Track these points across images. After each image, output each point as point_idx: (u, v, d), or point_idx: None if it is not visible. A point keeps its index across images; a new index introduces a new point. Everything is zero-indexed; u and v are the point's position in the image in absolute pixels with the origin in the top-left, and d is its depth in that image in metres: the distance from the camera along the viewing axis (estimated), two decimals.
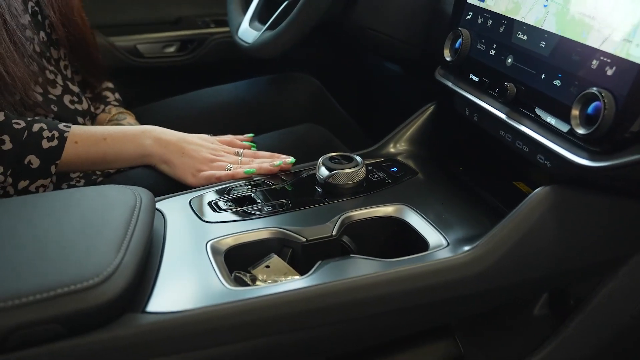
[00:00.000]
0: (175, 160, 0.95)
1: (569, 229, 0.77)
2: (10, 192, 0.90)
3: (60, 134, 0.90)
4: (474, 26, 0.95)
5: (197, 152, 0.96)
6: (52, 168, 0.90)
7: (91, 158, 0.93)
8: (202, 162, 0.95)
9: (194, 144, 0.97)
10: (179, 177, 0.96)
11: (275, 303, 0.67)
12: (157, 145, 0.95)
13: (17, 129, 0.87)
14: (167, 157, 0.95)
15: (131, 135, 0.95)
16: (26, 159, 0.88)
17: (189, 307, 0.65)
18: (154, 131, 0.97)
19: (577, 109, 0.72)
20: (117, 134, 0.95)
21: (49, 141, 0.89)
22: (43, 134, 0.89)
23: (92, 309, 0.59)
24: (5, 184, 0.88)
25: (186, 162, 0.95)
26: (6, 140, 0.86)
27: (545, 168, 0.81)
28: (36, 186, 0.90)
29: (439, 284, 0.72)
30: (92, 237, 0.67)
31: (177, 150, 0.95)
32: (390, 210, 0.85)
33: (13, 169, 0.87)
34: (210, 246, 0.77)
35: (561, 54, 0.77)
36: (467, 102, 0.96)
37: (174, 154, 0.95)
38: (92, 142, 0.93)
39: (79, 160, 0.92)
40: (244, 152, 1.00)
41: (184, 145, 0.96)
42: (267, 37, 1.11)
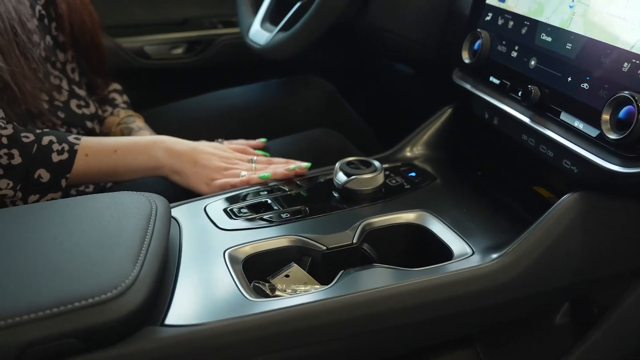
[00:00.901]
0: (188, 170, 0.93)
1: (598, 236, 0.75)
2: None
3: (71, 147, 0.88)
4: (494, 27, 0.93)
5: (209, 161, 0.94)
6: (62, 182, 0.88)
7: (102, 170, 0.91)
8: (215, 171, 0.93)
9: (206, 153, 0.95)
10: (192, 187, 0.94)
11: (299, 315, 0.64)
12: (168, 157, 0.93)
13: (26, 142, 0.85)
14: (179, 167, 0.93)
15: (142, 146, 0.93)
16: (36, 173, 0.86)
17: (209, 320, 0.63)
18: (166, 142, 0.94)
19: (608, 113, 0.70)
20: (128, 146, 0.93)
21: (59, 154, 0.87)
22: (53, 147, 0.87)
23: (110, 323, 0.57)
24: (15, 198, 0.86)
25: (199, 172, 0.93)
26: (15, 155, 0.84)
27: (572, 174, 0.79)
28: (46, 199, 0.88)
29: (467, 294, 0.70)
30: (108, 247, 0.64)
31: (189, 160, 0.93)
32: (412, 217, 0.83)
33: (23, 183, 0.85)
34: (228, 255, 0.74)
35: (589, 56, 0.75)
36: (486, 105, 0.94)
37: (186, 165, 0.93)
38: (103, 154, 0.91)
39: (89, 172, 0.90)
40: (258, 159, 0.98)
41: (195, 155, 0.94)
42: (281, 38, 1.09)
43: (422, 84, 1.33)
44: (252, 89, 1.31)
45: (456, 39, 1.00)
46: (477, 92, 0.94)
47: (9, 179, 0.84)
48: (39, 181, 0.86)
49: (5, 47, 0.86)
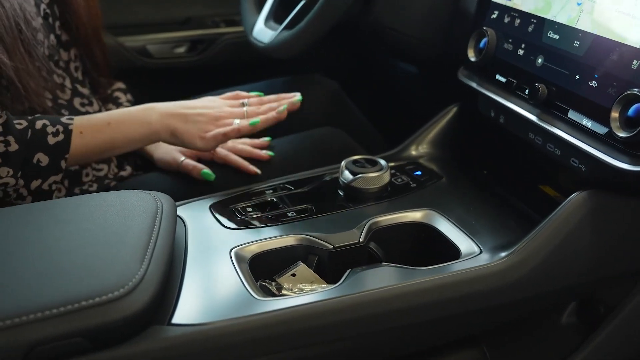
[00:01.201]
0: (180, 127, 0.92)
1: (606, 235, 0.74)
2: (24, 194, 0.87)
3: (65, 127, 0.88)
4: (500, 25, 0.92)
5: (200, 115, 0.93)
6: (62, 163, 0.87)
7: (100, 145, 0.90)
8: (208, 122, 0.93)
9: (195, 107, 0.95)
10: (188, 144, 0.93)
11: (307, 314, 0.64)
12: (161, 120, 0.92)
13: (20, 128, 0.85)
14: (172, 127, 0.92)
15: (134, 115, 0.93)
16: (34, 157, 0.85)
17: (215, 319, 0.63)
18: (156, 107, 0.94)
19: (617, 111, 0.70)
20: (120, 117, 0.92)
21: (55, 136, 0.87)
22: (47, 130, 0.87)
23: (117, 322, 0.57)
24: (17, 186, 0.85)
25: (191, 127, 0.92)
26: (11, 142, 0.83)
27: (580, 172, 0.79)
28: (49, 184, 0.88)
29: (475, 293, 0.69)
30: (114, 246, 0.64)
31: (180, 117, 0.93)
32: (419, 216, 0.82)
33: (23, 169, 0.85)
34: (234, 254, 0.74)
35: (597, 53, 0.74)
36: (492, 104, 0.94)
37: (178, 124, 0.92)
38: (97, 129, 0.90)
39: (87, 150, 0.89)
40: (249, 101, 0.98)
41: (185, 111, 0.93)
42: (285, 36, 1.08)
43: (426, 83, 1.32)
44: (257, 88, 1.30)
45: (461, 37, 1.00)
46: (483, 91, 0.94)
47: (8, 166, 0.83)
48: (39, 165, 0.85)
49: (10, 44, 0.86)
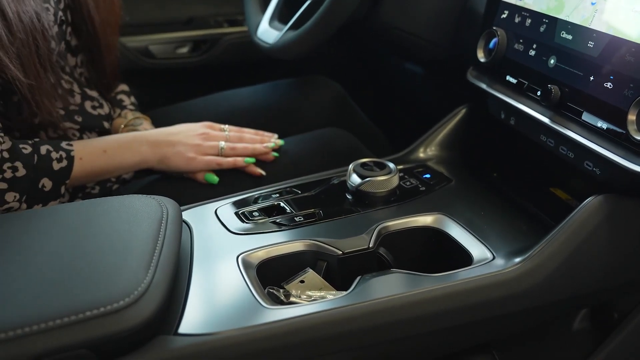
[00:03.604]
0: (168, 153, 0.97)
1: (623, 241, 0.73)
2: None
3: (67, 154, 0.90)
4: (510, 25, 0.91)
5: (186, 140, 0.98)
6: (62, 188, 0.90)
7: (95, 171, 0.94)
8: (193, 146, 0.98)
9: (180, 133, 0.99)
10: (177, 168, 0.98)
11: (317, 323, 0.62)
12: (150, 149, 0.97)
13: (27, 153, 0.86)
14: (160, 155, 0.97)
15: (127, 144, 0.97)
16: (40, 182, 0.87)
17: (223, 329, 0.61)
18: (145, 135, 0.99)
19: (634, 114, 0.68)
20: (115, 145, 0.96)
21: (59, 162, 0.89)
22: (51, 155, 0.89)
23: (123, 332, 0.55)
24: (19, 210, 0.86)
25: (179, 152, 0.97)
26: (19, 167, 0.84)
27: (594, 175, 0.77)
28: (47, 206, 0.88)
29: (489, 301, 0.68)
30: (119, 253, 0.62)
31: (167, 144, 0.98)
32: (429, 221, 0.81)
33: (28, 194, 0.86)
34: (241, 260, 0.72)
35: (613, 54, 0.73)
36: (503, 105, 0.92)
37: (165, 150, 0.97)
38: (95, 156, 0.94)
39: (84, 175, 0.93)
40: (229, 127, 1.04)
41: (172, 138, 0.98)
42: (291, 37, 1.06)
43: (433, 84, 1.31)
44: (260, 90, 1.29)
45: (470, 38, 0.98)
46: (493, 92, 0.92)
47: (15, 191, 0.84)
48: (43, 190, 0.87)
49: (26, 60, 0.86)
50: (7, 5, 0.83)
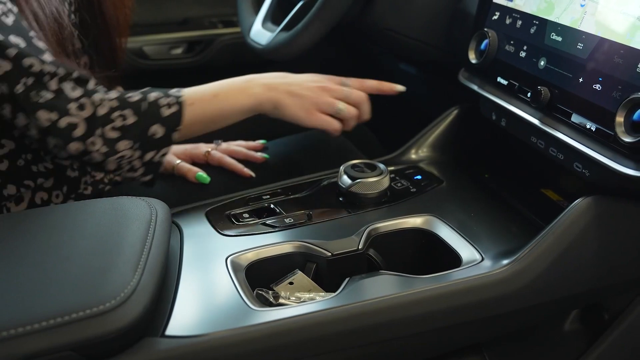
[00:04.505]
0: (285, 101, 0.93)
1: (611, 242, 0.73)
2: (137, 166, 0.86)
3: (177, 99, 0.88)
4: (502, 27, 0.91)
5: (306, 89, 0.95)
6: (174, 135, 0.87)
7: (208, 117, 0.91)
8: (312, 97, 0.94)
9: (299, 79, 0.96)
10: (293, 118, 0.94)
11: (305, 325, 0.62)
12: (266, 92, 0.94)
13: (135, 100, 0.84)
14: (275, 99, 0.93)
15: (239, 86, 0.94)
16: (150, 130, 0.85)
17: (211, 331, 0.61)
18: (260, 78, 0.96)
19: (622, 116, 0.68)
20: (226, 88, 0.94)
21: (169, 108, 0.86)
22: (160, 102, 0.86)
23: (109, 334, 0.55)
24: (132, 158, 0.85)
25: (296, 102, 0.94)
26: (128, 115, 0.83)
27: (583, 177, 0.77)
28: (160, 155, 0.87)
29: (477, 302, 0.68)
30: (106, 254, 0.62)
31: (284, 89, 0.94)
32: (419, 222, 0.81)
33: (140, 142, 0.84)
34: (230, 262, 0.72)
35: (602, 56, 0.73)
36: (494, 106, 0.92)
37: (282, 96, 0.94)
38: (206, 101, 0.91)
39: (197, 121, 0.90)
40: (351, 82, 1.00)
41: (290, 88, 0.95)
42: (283, 38, 1.06)
43: (426, 85, 1.31)
44: None
45: (462, 39, 0.98)
46: (484, 93, 0.92)
47: (128, 139, 0.83)
48: (153, 138, 0.85)
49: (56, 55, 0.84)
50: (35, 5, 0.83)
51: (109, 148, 0.82)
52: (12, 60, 0.75)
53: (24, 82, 0.76)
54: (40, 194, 0.93)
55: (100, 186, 1.04)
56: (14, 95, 0.76)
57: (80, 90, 0.81)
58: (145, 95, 0.86)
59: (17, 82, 0.76)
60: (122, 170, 0.86)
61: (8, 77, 0.76)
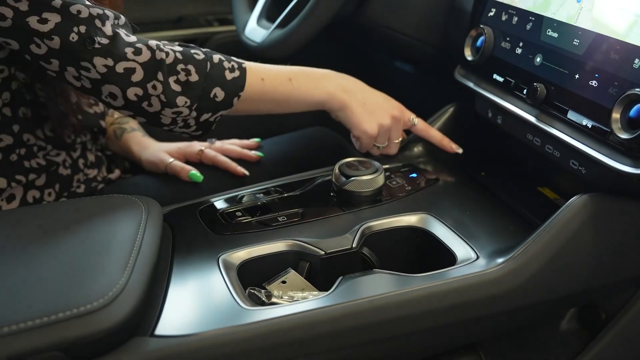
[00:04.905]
0: (356, 109, 0.92)
1: (608, 240, 0.72)
2: (191, 124, 0.85)
3: (239, 65, 0.86)
4: (498, 23, 0.90)
5: (379, 108, 0.94)
6: (234, 100, 0.86)
7: (276, 97, 0.89)
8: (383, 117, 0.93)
9: (376, 98, 0.95)
10: (354, 126, 0.93)
11: (297, 324, 0.61)
12: (339, 91, 0.92)
13: (200, 59, 0.83)
14: (347, 103, 0.92)
15: (314, 77, 0.92)
16: (212, 91, 0.83)
17: (201, 330, 0.60)
18: (337, 77, 0.94)
19: (618, 112, 0.67)
20: (301, 75, 0.91)
21: (231, 72, 0.85)
22: (224, 64, 0.85)
23: (97, 334, 0.54)
24: (188, 117, 0.83)
25: (365, 115, 0.92)
26: (192, 71, 0.81)
27: (579, 174, 0.76)
28: (215, 117, 0.86)
29: (472, 301, 0.67)
30: (95, 253, 0.62)
31: (360, 99, 0.93)
32: (414, 220, 0.80)
33: (199, 102, 0.83)
34: (222, 261, 0.71)
35: (598, 52, 0.72)
36: (490, 104, 0.91)
37: (354, 102, 0.92)
38: (279, 81, 0.89)
39: (263, 97, 0.88)
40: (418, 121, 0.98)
41: (366, 96, 0.94)
42: (277, 36, 1.06)
43: (422, 82, 1.30)
44: None
45: (458, 36, 0.97)
46: (480, 90, 0.91)
47: (187, 96, 0.81)
48: (215, 100, 0.84)
49: None
50: None
51: (168, 99, 0.80)
52: (60, 11, 0.74)
53: (76, 31, 0.75)
54: (32, 192, 0.92)
55: (94, 184, 1.03)
56: (68, 46, 0.75)
57: (134, 37, 0.80)
58: (210, 56, 0.84)
59: (70, 32, 0.74)
60: (176, 125, 0.84)
61: (59, 29, 0.74)
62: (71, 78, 0.78)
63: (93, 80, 0.78)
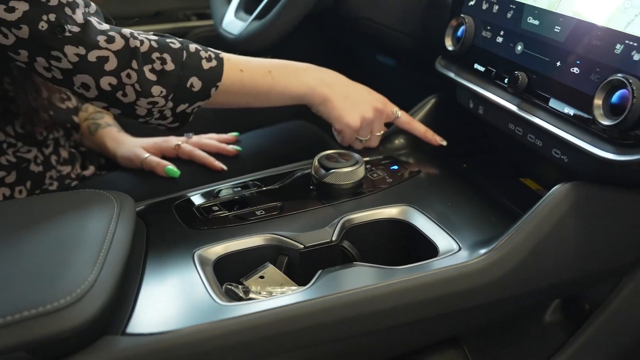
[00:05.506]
0: (337, 102, 0.90)
1: (592, 229, 0.71)
2: (167, 115, 0.83)
3: (216, 55, 0.84)
4: (478, 12, 0.88)
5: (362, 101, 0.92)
6: (212, 90, 0.83)
7: (255, 89, 0.87)
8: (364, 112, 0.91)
9: (358, 91, 0.93)
10: (335, 120, 0.91)
11: (274, 320, 0.60)
12: (320, 84, 0.90)
13: (175, 48, 0.80)
14: (329, 96, 0.90)
15: (294, 70, 0.90)
16: (189, 81, 0.81)
17: (174, 328, 0.58)
18: (317, 70, 0.92)
19: (600, 98, 0.66)
20: (281, 68, 0.89)
21: (208, 61, 0.83)
22: (200, 54, 0.83)
23: (64, 333, 0.52)
24: (164, 107, 0.81)
25: (347, 108, 0.91)
26: (168, 60, 0.79)
27: (562, 163, 0.75)
28: (193, 108, 0.84)
29: (454, 293, 0.66)
30: (64, 249, 0.59)
31: (341, 92, 0.91)
32: (394, 212, 0.78)
33: (175, 92, 0.80)
34: (197, 256, 0.69)
35: (579, 39, 0.71)
36: (471, 94, 0.90)
37: (336, 96, 0.91)
38: (259, 73, 0.87)
39: (242, 89, 0.86)
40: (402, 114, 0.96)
41: (347, 89, 0.92)
42: (255, 27, 1.04)
43: (404, 75, 1.29)
44: None
45: (439, 26, 0.96)
46: (461, 80, 0.90)
47: (162, 86, 0.79)
48: (191, 90, 0.81)
49: None
50: None
51: (143, 88, 0.78)
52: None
53: (46, 19, 0.72)
54: (2, 189, 0.89)
55: (67, 181, 1.01)
56: (38, 35, 0.72)
57: (107, 25, 0.77)
58: (186, 45, 0.82)
59: (39, 20, 0.72)
60: (152, 116, 0.82)
61: (28, 17, 0.71)
62: (41, 69, 0.75)
63: (64, 71, 0.75)
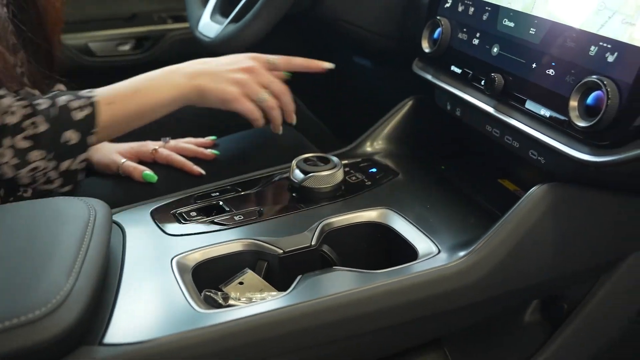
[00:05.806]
0: (210, 86, 0.88)
1: (568, 229, 0.71)
2: (53, 177, 0.81)
3: (88, 100, 0.82)
4: (454, 14, 0.89)
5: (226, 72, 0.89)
6: (90, 139, 0.82)
7: (130, 115, 0.85)
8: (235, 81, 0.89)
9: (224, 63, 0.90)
10: (218, 103, 0.89)
11: (254, 326, 0.59)
12: (188, 80, 0.88)
13: (45, 107, 0.78)
14: (200, 87, 0.88)
15: (161, 79, 0.88)
16: (63, 136, 0.79)
17: (152, 337, 0.57)
18: (180, 67, 0.90)
19: (576, 100, 0.67)
20: (147, 83, 0.88)
21: (81, 111, 0.81)
22: (70, 105, 0.81)
23: (39, 344, 0.51)
24: (47, 170, 0.79)
25: (220, 87, 0.88)
26: (40, 122, 0.77)
27: (539, 164, 0.76)
28: (77, 162, 0.82)
29: (434, 295, 0.66)
30: (37, 258, 0.58)
31: (209, 76, 0.88)
32: (374, 216, 0.78)
33: (54, 151, 0.78)
34: (175, 263, 0.69)
35: (554, 40, 0.71)
36: (448, 96, 0.90)
37: (207, 81, 0.88)
38: (127, 98, 0.85)
39: (115, 121, 0.84)
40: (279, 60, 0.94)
41: (213, 69, 0.89)
42: (231, 30, 1.03)
43: (382, 77, 1.29)
44: None
45: (415, 28, 0.96)
46: (438, 82, 0.90)
47: (40, 149, 0.77)
48: (67, 145, 0.79)
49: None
50: None
51: (20, 160, 0.76)
52: None
53: None
54: None
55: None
56: None
57: None
58: (54, 99, 0.80)
59: None
60: (37, 183, 0.81)
61: None
62: None
63: None
